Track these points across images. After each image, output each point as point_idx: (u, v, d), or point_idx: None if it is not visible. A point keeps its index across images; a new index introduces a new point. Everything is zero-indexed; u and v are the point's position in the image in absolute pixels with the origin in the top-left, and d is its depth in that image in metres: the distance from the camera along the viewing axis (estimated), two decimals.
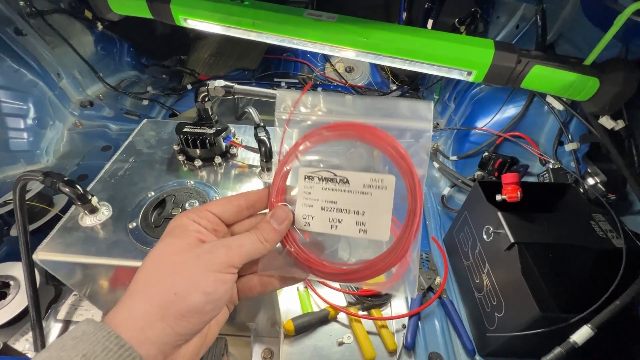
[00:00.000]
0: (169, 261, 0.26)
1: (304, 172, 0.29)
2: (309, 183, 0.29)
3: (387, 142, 0.27)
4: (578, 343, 0.49)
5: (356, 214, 0.28)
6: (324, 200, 0.29)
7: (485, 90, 1.08)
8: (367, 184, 0.28)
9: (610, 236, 0.59)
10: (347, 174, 0.28)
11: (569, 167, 0.79)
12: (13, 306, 0.65)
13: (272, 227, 0.28)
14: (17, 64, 1.04)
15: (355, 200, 0.28)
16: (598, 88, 0.55)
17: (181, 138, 0.62)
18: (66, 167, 1.06)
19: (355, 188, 0.28)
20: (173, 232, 0.27)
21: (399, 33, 0.57)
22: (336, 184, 0.28)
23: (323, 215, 0.29)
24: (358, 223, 0.28)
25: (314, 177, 0.29)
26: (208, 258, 0.25)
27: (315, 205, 0.29)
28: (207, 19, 0.66)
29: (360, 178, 0.28)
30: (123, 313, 0.24)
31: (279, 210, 0.29)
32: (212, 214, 0.29)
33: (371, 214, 0.28)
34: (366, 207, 0.28)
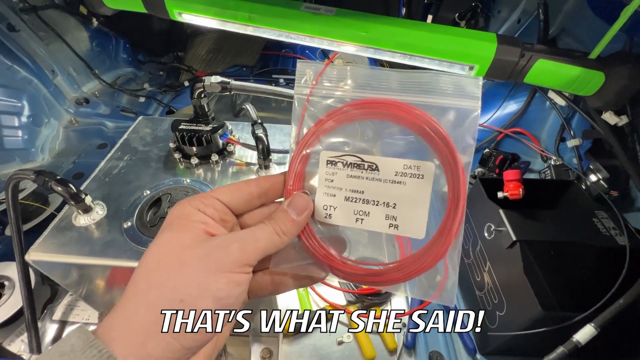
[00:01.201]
0: (172, 259, 0.21)
1: (326, 156, 0.25)
2: (331, 169, 0.25)
3: (426, 122, 0.23)
4: (581, 342, 0.48)
5: (386, 207, 0.24)
6: (349, 189, 0.25)
7: (486, 86, 1.07)
8: (400, 171, 0.24)
9: (613, 233, 0.58)
10: (376, 159, 0.24)
11: (571, 163, 0.78)
12: (8, 307, 0.64)
13: (289, 218, 0.24)
14: (10, 61, 1.02)
15: (385, 191, 0.24)
16: (603, 82, 0.54)
17: (177, 135, 0.61)
18: (62, 165, 1.04)
19: (386, 176, 0.24)
20: (175, 223, 0.23)
21: (399, 27, 0.56)
22: (363, 170, 0.24)
23: (347, 207, 0.25)
24: (388, 217, 0.24)
25: (338, 162, 0.25)
26: (219, 255, 0.22)
27: (338, 195, 0.25)
28: (203, 13, 0.64)
29: (392, 164, 0.24)
30: (120, 323, 0.20)
31: (298, 198, 0.25)
32: (219, 201, 0.24)
33: (404, 207, 0.24)
34: (398, 199, 0.24)
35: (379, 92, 0.24)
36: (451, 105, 0.23)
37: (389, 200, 0.24)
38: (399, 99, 0.24)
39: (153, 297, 0.21)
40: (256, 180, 0.26)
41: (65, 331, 0.67)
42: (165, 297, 0.20)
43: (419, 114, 0.23)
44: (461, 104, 0.23)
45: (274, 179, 0.26)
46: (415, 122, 0.23)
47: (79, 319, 0.68)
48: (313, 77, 0.25)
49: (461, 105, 0.23)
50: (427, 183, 0.24)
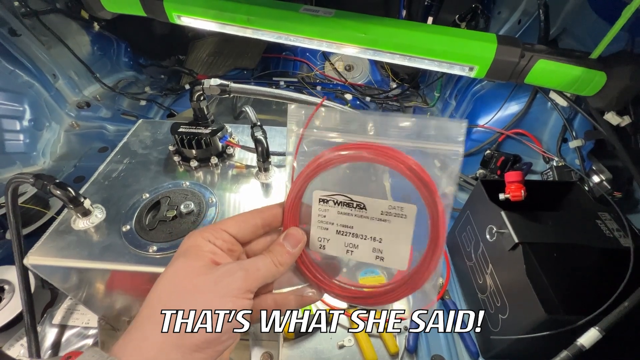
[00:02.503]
0: (184, 285, 0.24)
1: (318, 195, 0.27)
2: (323, 206, 0.27)
3: (408, 166, 0.25)
4: (585, 346, 0.47)
5: (373, 241, 0.27)
6: (340, 224, 0.27)
7: (487, 87, 1.07)
8: (385, 211, 0.26)
9: (617, 235, 0.57)
10: (364, 199, 0.26)
11: (573, 164, 0.78)
12: (7, 311, 0.64)
13: (285, 250, 0.28)
14: (12, 65, 1.03)
15: (372, 227, 0.27)
16: (605, 83, 0.53)
17: (176, 138, 0.61)
18: (63, 168, 1.05)
19: (373, 214, 0.26)
20: (187, 252, 0.26)
21: (399, 28, 0.56)
22: (352, 208, 0.27)
23: (338, 239, 0.28)
24: (375, 250, 0.27)
25: (329, 200, 0.27)
26: (225, 283, 0.24)
27: (330, 229, 0.28)
28: (201, 16, 0.64)
29: (378, 205, 0.26)
30: (135, 344, 0.22)
31: (293, 232, 0.28)
32: (227, 233, 0.27)
33: (389, 242, 0.27)
34: (384, 235, 0.27)
35: (366, 135, 0.26)
36: (434, 150, 0.25)
37: (375, 235, 0.27)
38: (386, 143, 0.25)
39: None
40: (260, 212, 0.29)
41: (64, 335, 0.67)
42: None
43: (402, 157, 0.25)
44: (444, 149, 0.25)
45: (275, 211, 0.29)
46: (399, 166, 0.25)
47: (79, 323, 0.68)
48: (304, 119, 0.27)
49: (444, 150, 0.25)
50: (409, 222, 0.26)
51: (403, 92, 1.43)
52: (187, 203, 0.54)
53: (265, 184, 0.60)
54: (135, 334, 0.23)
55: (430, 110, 1.34)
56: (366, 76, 1.54)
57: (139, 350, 0.22)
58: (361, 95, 1.41)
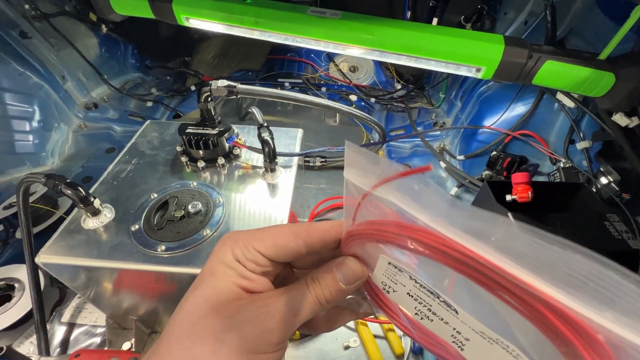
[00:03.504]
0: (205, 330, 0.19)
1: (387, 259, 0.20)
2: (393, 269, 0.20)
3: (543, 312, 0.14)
4: None
5: (455, 332, 0.19)
6: (415, 305, 0.20)
7: (493, 88, 1.06)
8: (479, 331, 0.18)
9: (626, 237, 0.57)
10: (458, 307, 0.18)
11: (580, 166, 0.77)
12: (17, 309, 0.65)
13: (336, 285, 0.21)
14: (22, 67, 1.04)
15: (457, 325, 0.19)
16: (614, 83, 0.53)
17: (184, 139, 0.61)
18: (71, 169, 1.06)
19: (465, 325, 0.18)
20: (215, 271, 0.21)
21: (405, 29, 0.56)
22: (435, 298, 0.19)
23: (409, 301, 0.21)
24: (454, 338, 0.19)
25: (404, 271, 0.20)
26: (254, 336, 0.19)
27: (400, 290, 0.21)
28: (210, 18, 0.65)
29: (471, 322, 0.18)
30: None
31: (352, 265, 0.22)
32: (261, 255, 0.21)
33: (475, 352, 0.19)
34: (471, 344, 0.19)
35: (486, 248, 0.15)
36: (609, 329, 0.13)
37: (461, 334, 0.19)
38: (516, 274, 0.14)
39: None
40: (306, 233, 0.22)
41: (73, 333, 0.67)
42: None
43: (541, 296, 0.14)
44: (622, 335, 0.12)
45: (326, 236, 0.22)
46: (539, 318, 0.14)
47: (87, 322, 0.68)
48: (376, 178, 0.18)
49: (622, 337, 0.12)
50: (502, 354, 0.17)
51: (408, 93, 1.42)
52: (194, 203, 0.54)
53: (271, 185, 0.60)
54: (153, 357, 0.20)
55: (435, 111, 1.33)
56: (371, 77, 1.54)
57: None
58: (366, 97, 1.41)
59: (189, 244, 0.50)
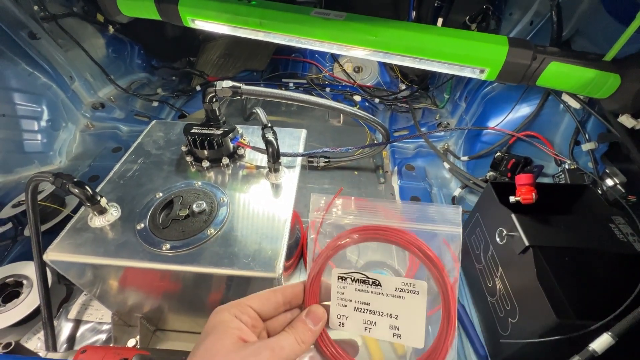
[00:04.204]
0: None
1: (337, 273, 0.29)
2: (342, 283, 0.29)
3: (417, 246, 0.28)
4: (598, 352, 0.46)
5: (390, 317, 0.28)
6: (357, 301, 0.29)
7: (498, 89, 1.06)
8: (399, 287, 0.28)
9: (632, 240, 0.56)
10: (378, 276, 0.28)
11: (586, 167, 0.76)
12: (26, 305, 0.66)
13: (307, 328, 0.28)
14: (31, 67, 1.06)
15: (388, 303, 0.28)
16: (619, 85, 0.53)
17: (189, 139, 0.62)
18: (78, 168, 1.07)
19: (388, 291, 0.28)
20: (215, 329, 0.27)
21: (409, 30, 0.56)
22: (368, 285, 0.29)
23: (357, 317, 0.29)
24: (392, 327, 0.28)
25: (347, 278, 0.29)
26: None
27: (349, 306, 0.29)
28: (215, 20, 0.66)
29: (391, 282, 0.28)
30: None
31: (314, 310, 0.29)
32: (252, 309, 0.29)
33: (405, 318, 0.28)
34: (399, 311, 0.28)
35: (378, 219, 0.29)
36: (437, 231, 0.28)
37: (391, 312, 0.28)
38: (396, 226, 0.29)
39: None
40: (282, 290, 0.31)
41: (79, 330, 0.68)
42: None
43: (411, 238, 0.28)
44: (446, 230, 0.28)
45: (296, 289, 0.31)
46: (408, 246, 0.28)
47: (93, 318, 0.69)
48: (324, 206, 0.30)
49: (446, 231, 0.28)
50: (422, 298, 0.28)
51: (412, 93, 1.42)
52: (199, 202, 0.55)
53: (275, 185, 0.60)
54: None
55: (439, 112, 1.33)
56: (375, 78, 1.54)
57: None
58: (370, 97, 1.41)
59: (193, 243, 0.50)
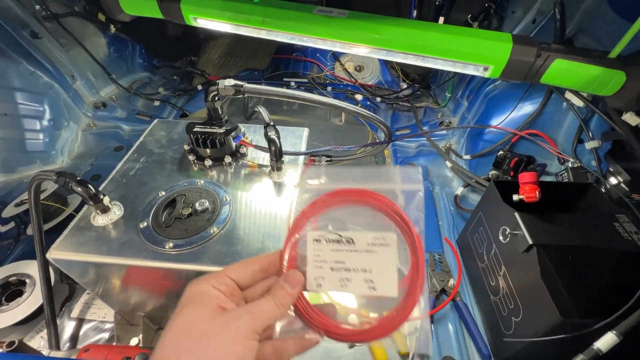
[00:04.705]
0: (197, 330, 0.26)
1: (312, 236, 0.31)
2: (317, 246, 0.31)
3: (385, 204, 0.30)
4: (602, 350, 0.46)
5: (364, 272, 0.30)
6: (333, 261, 0.31)
7: (500, 87, 1.05)
8: (370, 242, 0.30)
9: (636, 238, 0.56)
10: (351, 234, 0.31)
11: (589, 166, 0.76)
12: (29, 304, 0.67)
13: (286, 291, 0.29)
14: (33, 67, 1.06)
15: (361, 259, 0.30)
16: (624, 82, 0.52)
17: (191, 138, 0.62)
18: (80, 167, 1.08)
19: (361, 247, 0.30)
20: (194, 299, 0.28)
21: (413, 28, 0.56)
22: (342, 244, 0.31)
23: (333, 276, 0.31)
24: (366, 281, 0.30)
25: (322, 240, 0.31)
26: (236, 325, 0.26)
27: (324, 267, 0.31)
28: (217, 18, 0.66)
29: (364, 237, 0.30)
30: None
31: (291, 274, 0.31)
32: (229, 278, 0.29)
33: (378, 271, 0.30)
34: (373, 265, 0.30)
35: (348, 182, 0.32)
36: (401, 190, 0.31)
37: (365, 266, 0.30)
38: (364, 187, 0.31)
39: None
40: (258, 259, 0.31)
41: (82, 329, 0.68)
42: None
43: (379, 197, 0.31)
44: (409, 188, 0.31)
45: (272, 257, 0.32)
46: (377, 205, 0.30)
47: (96, 317, 0.70)
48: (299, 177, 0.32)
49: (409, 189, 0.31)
50: (393, 250, 0.30)
51: (414, 92, 1.42)
52: (201, 201, 0.55)
53: (277, 183, 0.60)
54: None
55: (441, 111, 1.33)
56: (376, 77, 1.53)
57: None
58: (371, 96, 1.41)
59: (196, 242, 0.50)
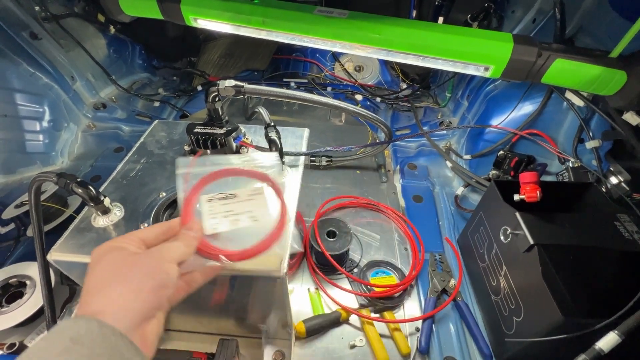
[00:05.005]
0: (122, 263, 0.31)
1: (205, 198, 0.42)
2: (210, 204, 0.42)
3: (250, 173, 0.45)
4: (604, 350, 0.46)
5: (248, 212, 0.41)
6: (224, 211, 0.41)
7: (500, 87, 1.05)
8: (249, 193, 0.43)
9: (637, 238, 0.56)
10: (235, 191, 0.43)
11: (590, 165, 0.76)
12: (29, 306, 0.66)
13: (189, 235, 0.36)
14: (32, 68, 1.06)
15: (244, 205, 0.42)
16: (625, 82, 0.52)
17: (192, 138, 0.62)
18: (80, 168, 1.07)
19: (243, 198, 0.42)
20: (107, 252, 0.32)
21: (413, 28, 0.56)
22: (229, 199, 0.42)
23: (225, 220, 0.41)
24: (250, 217, 0.41)
25: (213, 200, 0.42)
26: (158, 255, 0.32)
27: (218, 216, 0.41)
28: (217, 18, 0.66)
29: (244, 192, 0.43)
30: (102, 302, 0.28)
31: (191, 223, 0.38)
32: (137, 237, 0.34)
33: (257, 210, 0.42)
34: (252, 207, 0.42)
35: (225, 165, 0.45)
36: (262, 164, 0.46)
37: (248, 209, 0.42)
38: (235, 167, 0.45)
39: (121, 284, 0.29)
40: (161, 224, 0.38)
41: None
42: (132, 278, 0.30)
43: (246, 171, 0.45)
44: (268, 162, 0.46)
45: (172, 223, 0.38)
46: (246, 174, 0.45)
47: None
48: (189, 162, 0.44)
49: (268, 163, 0.46)
50: (264, 195, 0.43)
51: (414, 92, 1.42)
52: None
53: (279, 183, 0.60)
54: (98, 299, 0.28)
55: (441, 111, 1.33)
56: (376, 77, 1.53)
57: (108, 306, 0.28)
58: (371, 96, 1.41)
59: None
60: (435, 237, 0.87)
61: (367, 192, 1.00)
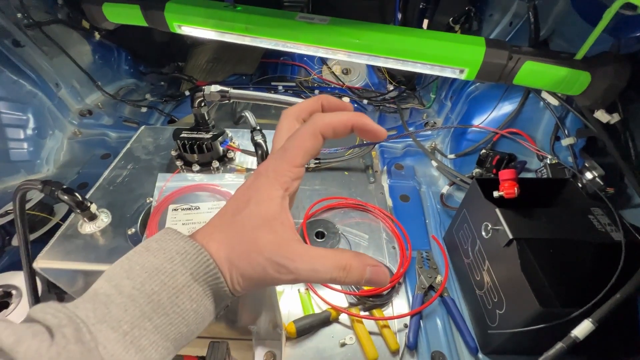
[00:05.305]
0: None
1: (171, 207, 0.50)
2: (174, 213, 0.49)
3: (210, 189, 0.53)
4: (579, 337, 0.48)
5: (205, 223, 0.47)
6: (185, 220, 0.50)
7: (481, 88, 1.09)
8: (209, 207, 0.51)
9: (609, 230, 0.58)
10: (198, 204, 0.51)
11: (566, 162, 0.79)
12: (15, 316, 0.66)
13: None
14: (15, 75, 1.05)
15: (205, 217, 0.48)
16: (590, 82, 0.55)
17: (178, 143, 0.63)
18: (66, 176, 1.06)
19: (205, 210, 0.50)
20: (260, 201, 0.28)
21: (391, 33, 0.58)
22: (192, 210, 0.50)
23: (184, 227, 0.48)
24: None
25: (178, 209, 0.49)
26: None
27: (178, 224, 0.49)
28: (201, 25, 0.67)
29: (205, 205, 0.51)
30: None
31: None
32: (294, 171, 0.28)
33: None
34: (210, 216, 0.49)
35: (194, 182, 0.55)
36: None
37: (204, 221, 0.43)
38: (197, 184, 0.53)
39: None
40: None
41: None
42: None
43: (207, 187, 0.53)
44: None
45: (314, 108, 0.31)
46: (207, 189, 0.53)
47: None
48: (166, 178, 0.51)
49: None
50: None
51: (400, 94, 1.45)
52: None
53: None
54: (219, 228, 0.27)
55: (426, 112, 1.36)
56: (363, 79, 1.56)
57: None
58: (359, 98, 1.43)
59: None
60: (422, 235, 0.89)
61: (355, 192, 1.01)
